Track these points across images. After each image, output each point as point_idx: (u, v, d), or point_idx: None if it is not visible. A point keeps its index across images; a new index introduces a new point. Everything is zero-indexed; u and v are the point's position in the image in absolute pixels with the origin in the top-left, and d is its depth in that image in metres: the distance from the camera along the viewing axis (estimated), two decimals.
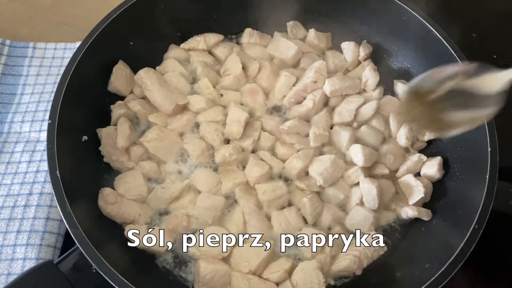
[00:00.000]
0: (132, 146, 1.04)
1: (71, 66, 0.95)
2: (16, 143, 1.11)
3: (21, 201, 1.01)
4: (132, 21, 1.08)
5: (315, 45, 1.23)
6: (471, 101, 0.79)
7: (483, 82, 0.78)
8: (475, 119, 0.81)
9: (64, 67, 0.97)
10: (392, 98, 1.15)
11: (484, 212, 0.84)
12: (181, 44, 1.21)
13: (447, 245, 0.85)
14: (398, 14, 1.10)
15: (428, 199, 1.03)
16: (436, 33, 1.03)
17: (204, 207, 0.96)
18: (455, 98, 0.80)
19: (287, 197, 1.01)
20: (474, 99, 0.79)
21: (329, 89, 1.11)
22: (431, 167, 1.02)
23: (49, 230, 0.98)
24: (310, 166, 1.03)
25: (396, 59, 1.20)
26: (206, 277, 0.89)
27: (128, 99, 1.11)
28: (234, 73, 1.14)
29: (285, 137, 1.08)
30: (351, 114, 1.10)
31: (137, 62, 1.11)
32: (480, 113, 0.79)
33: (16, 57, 1.25)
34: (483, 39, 1.38)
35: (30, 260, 0.94)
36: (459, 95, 0.79)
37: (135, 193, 0.98)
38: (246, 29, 1.25)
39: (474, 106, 0.79)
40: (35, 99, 1.18)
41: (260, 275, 0.92)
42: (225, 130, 1.07)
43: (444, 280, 0.79)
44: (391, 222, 1.02)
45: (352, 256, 0.93)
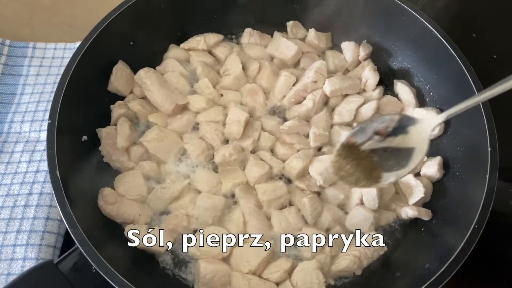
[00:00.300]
0: (132, 146, 1.04)
1: (71, 66, 0.95)
2: (16, 143, 1.11)
3: (21, 201, 1.01)
4: (132, 21, 1.08)
5: (315, 45, 1.23)
6: (401, 153, 0.83)
7: (411, 137, 0.82)
8: (406, 171, 0.83)
9: (64, 67, 0.97)
10: (392, 98, 1.15)
11: (484, 212, 0.84)
12: (181, 44, 1.21)
13: (447, 245, 0.85)
14: (398, 14, 1.10)
15: (428, 199, 1.03)
16: (436, 33, 1.03)
17: (204, 207, 0.96)
18: (386, 152, 0.83)
19: (287, 197, 1.01)
20: (403, 151, 0.83)
21: (329, 89, 1.11)
22: (431, 167, 1.02)
23: (49, 230, 0.98)
24: (310, 166, 1.03)
25: (396, 59, 1.20)
26: (206, 277, 0.89)
27: (128, 99, 1.11)
28: (234, 73, 1.14)
29: (285, 137, 1.08)
30: (351, 114, 1.10)
31: (137, 62, 1.11)
32: (411, 163, 0.82)
33: (16, 57, 1.25)
34: (483, 39, 1.38)
35: (30, 260, 0.94)
36: (390, 150, 0.83)
37: (135, 193, 0.98)
38: (246, 29, 1.25)
39: (404, 158, 0.83)
40: (35, 99, 1.18)
41: (260, 275, 0.92)
42: (225, 130, 1.07)
43: (444, 280, 0.79)
44: (391, 222, 1.02)
45: (352, 256, 0.93)
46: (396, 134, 0.84)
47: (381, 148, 0.83)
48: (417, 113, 1.09)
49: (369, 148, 0.83)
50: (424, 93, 1.14)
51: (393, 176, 0.83)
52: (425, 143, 0.82)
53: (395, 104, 1.14)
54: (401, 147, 0.83)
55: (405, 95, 1.14)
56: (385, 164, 0.83)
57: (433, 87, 1.12)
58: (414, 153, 0.83)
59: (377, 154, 0.83)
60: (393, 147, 0.83)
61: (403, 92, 1.15)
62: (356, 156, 0.84)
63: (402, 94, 1.15)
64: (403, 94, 1.15)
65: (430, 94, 1.13)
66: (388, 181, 0.84)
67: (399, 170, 0.83)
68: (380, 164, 0.83)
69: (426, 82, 1.14)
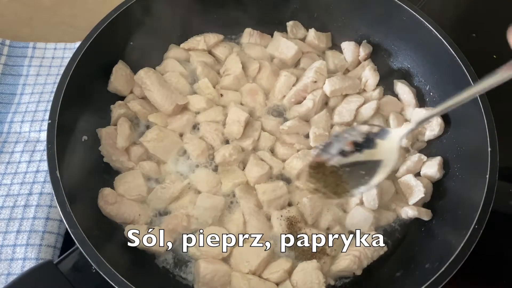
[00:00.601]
0: (132, 146, 1.04)
1: (71, 66, 0.95)
2: (16, 143, 1.10)
3: (21, 201, 1.01)
4: (132, 21, 1.08)
5: (315, 45, 1.23)
6: (369, 166, 0.83)
7: (379, 149, 0.83)
8: (374, 183, 0.83)
9: (64, 67, 0.97)
10: (392, 98, 1.15)
11: (484, 212, 0.84)
12: (181, 44, 1.21)
13: (447, 245, 0.85)
14: (398, 14, 1.10)
15: (428, 199, 1.03)
16: (436, 33, 1.03)
17: (204, 207, 0.96)
18: (354, 166, 0.83)
19: (287, 197, 1.01)
20: (371, 164, 0.83)
21: (329, 89, 1.11)
22: (431, 167, 1.02)
23: (49, 230, 0.98)
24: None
25: (396, 59, 1.20)
26: (206, 277, 0.89)
27: (128, 99, 1.11)
28: (234, 73, 1.14)
29: (285, 137, 1.08)
30: (351, 114, 1.10)
31: (137, 62, 1.11)
32: (378, 176, 0.82)
33: (16, 57, 1.25)
34: (483, 39, 1.38)
35: (30, 260, 0.94)
36: (358, 163, 0.83)
37: (135, 193, 0.98)
38: (246, 29, 1.25)
39: (372, 170, 0.83)
40: (35, 99, 1.18)
41: (260, 275, 0.92)
42: (225, 130, 1.07)
43: (444, 280, 0.79)
44: (391, 222, 1.02)
45: (352, 256, 0.93)
46: (364, 147, 0.84)
47: (349, 163, 0.84)
48: (417, 113, 1.09)
49: (336, 163, 0.84)
50: (424, 93, 1.14)
51: (361, 189, 0.83)
52: (393, 154, 0.82)
53: (395, 104, 1.14)
54: (369, 160, 0.83)
55: (405, 95, 1.14)
56: (354, 178, 0.83)
57: (433, 87, 1.12)
58: (382, 165, 0.83)
59: (345, 169, 0.84)
60: (361, 161, 0.83)
61: (403, 92, 1.15)
62: (324, 173, 0.84)
63: (402, 94, 1.15)
64: (403, 94, 1.15)
65: (430, 94, 1.13)
66: (357, 194, 0.85)
67: (368, 182, 0.83)
68: (347, 178, 0.83)
69: (426, 82, 1.14)
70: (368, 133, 0.84)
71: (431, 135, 1.07)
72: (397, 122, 1.10)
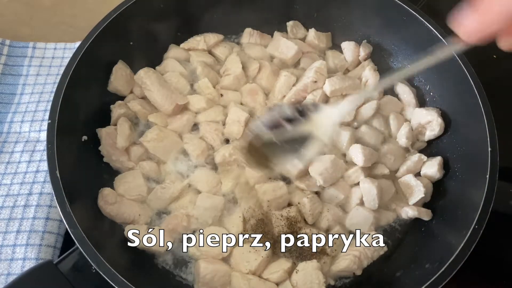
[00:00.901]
0: (132, 146, 1.04)
1: (71, 66, 0.95)
2: (15, 143, 1.10)
3: (20, 201, 1.01)
4: (132, 21, 1.08)
5: (315, 45, 1.23)
6: (304, 140, 0.82)
7: (314, 125, 0.81)
8: (309, 154, 0.84)
9: (64, 67, 0.97)
10: (392, 98, 1.15)
11: (484, 212, 0.84)
12: (181, 44, 1.21)
13: (447, 245, 0.85)
14: (398, 14, 1.10)
15: (428, 199, 1.03)
16: (436, 33, 1.03)
17: (204, 207, 0.96)
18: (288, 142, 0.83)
19: (287, 197, 1.01)
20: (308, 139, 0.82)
21: (329, 89, 1.11)
22: (431, 167, 1.02)
23: (49, 230, 0.98)
24: (310, 166, 1.03)
25: (396, 59, 1.20)
26: (206, 277, 0.89)
27: (128, 99, 1.11)
28: (234, 73, 1.14)
29: None
30: (351, 114, 1.10)
31: (137, 62, 1.11)
32: (314, 146, 0.82)
33: (16, 57, 1.25)
34: None
35: (30, 260, 0.94)
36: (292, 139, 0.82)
37: (135, 193, 0.98)
38: (246, 29, 1.25)
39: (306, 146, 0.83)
40: (35, 99, 1.18)
41: (260, 275, 0.92)
42: (225, 130, 1.07)
43: (444, 280, 0.79)
44: (391, 222, 1.02)
45: (352, 256, 0.93)
46: (298, 122, 0.82)
47: (284, 138, 0.83)
48: (417, 113, 1.09)
49: (270, 138, 0.82)
50: (424, 93, 1.14)
51: (295, 162, 0.84)
52: (328, 129, 0.81)
53: (395, 104, 1.14)
54: (303, 134, 0.82)
55: (405, 95, 1.14)
56: (289, 152, 0.84)
57: (433, 87, 1.12)
58: (316, 139, 0.82)
59: (281, 144, 0.83)
60: (296, 137, 0.83)
61: (403, 92, 1.15)
62: (257, 149, 0.84)
63: (402, 94, 1.15)
64: (403, 94, 1.15)
65: (430, 94, 1.13)
66: (290, 166, 0.86)
67: (301, 154, 0.83)
68: (282, 152, 0.84)
69: (426, 82, 1.14)
70: (302, 108, 0.83)
71: (431, 135, 1.07)
72: (397, 122, 1.10)
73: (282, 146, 0.82)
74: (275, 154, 0.84)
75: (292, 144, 0.83)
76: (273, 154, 0.84)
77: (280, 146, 0.82)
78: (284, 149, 0.83)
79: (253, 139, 0.83)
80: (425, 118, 1.07)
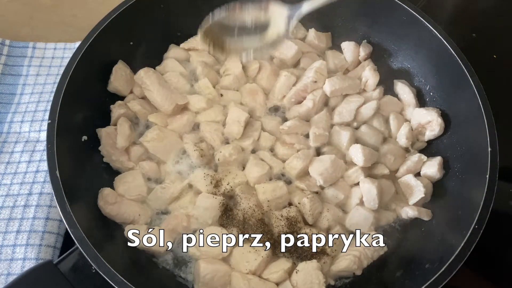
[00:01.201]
0: (132, 146, 1.04)
1: (71, 66, 0.95)
2: (15, 143, 1.11)
3: (20, 201, 1.01)
4: (132, 21, 1.08)
5: (315, 45, 1.23)
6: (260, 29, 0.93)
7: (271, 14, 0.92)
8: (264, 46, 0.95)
9: (64, 67, 0.97)
10: (392, 98, 1.15)
11: (484, 212, 0.84)
12: (181, 44, 1.21)
13: (447, 245, 0.85)
14: (398, 14, 1.10)
15: (428, 199, 1.03)
16: (436, 33, 1.03)
17: (204, 207, 0.96)
18: None
19: (287, 197, 1.01)
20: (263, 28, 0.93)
21: (329, 89, 1.11)
22: (431, 167, 1.02)
23: (48, 230, 0.98)
24: (310, 166, 1.03)
25: (396, 59, 1.20)
26: (206, 277, 0.89)
27: (128, 99, 1.11)
28: (234, 73, 1.14)
29: (285, 137, 1.08)
30: (351, 114, 1.10)
31: (137, 62, 1.11)
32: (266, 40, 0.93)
33: (16, 57, 1.25)
34: (483, 39, 1.38)
35: (30, 260, 0.94)
36: None
37: (135, 193, 0.98)
38: None
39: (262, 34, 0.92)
40: (34, 99, 1.18)
41: (260, 275, 0.92)
42: (225, 130, 1.07)
43: (444, 280, 0.79)
44: (391, 222, 1.02)
45: (352, 256, 0.93)
46: None
47: None
48: (417, 113, 1.09)
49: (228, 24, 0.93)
50: (424, 93, 1.14)
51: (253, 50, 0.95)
52: (282, 18, 0.92)
53: (395, 104, 1.14)
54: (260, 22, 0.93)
55: (405, 95, 1.14)
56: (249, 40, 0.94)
57: (433, 87, 1.12)
58: (271, 26, 0.92)
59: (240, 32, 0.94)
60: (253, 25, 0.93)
61: (403, 92, 1.15)
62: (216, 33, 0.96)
63: (402, 94, 1.15)
64: (403, 94, 1.15)
65: (430, 94, 1.13)
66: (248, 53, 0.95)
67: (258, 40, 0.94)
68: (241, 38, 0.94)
69: (426, 82, 1.14)
70: None
71: (431, 135, 1.07)
72: (397, 122, 1.10)
73: (240, 34, 0.93)
74: (233, 40, 0.94)
75: (248, 33, 0.93)
76: (232, 40, 0.95)
77: (238, 33, 0.93)
78: (241, 37, 0.93)
79: (213, 24, 0.93)
80: (425, 118, 1.07)
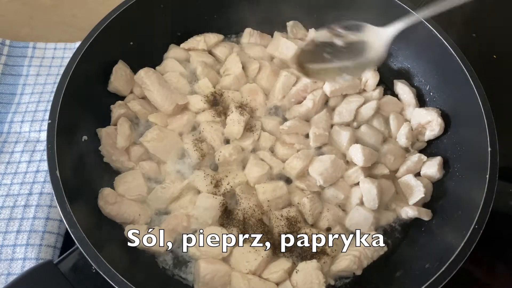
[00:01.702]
0: (132, 146, 1.04)
1: (71, 66, 0.95)
2: (16, 143, 1.11)
3: (21, 201, 1.01)
4: (132, 21, 1.08)
5: None
6: (355, 52, 0.93)
7: (367, 36, 0.93)
8: (359, 68, 0.95)
9: (64, 67, 0.97)
10: (392, 98, 1.15)
11: (484, 212, 0.84)
12: (181, 44, 1.21)
13: (447, 245, 0.85)
14: (398, 14, 1.09)
15: (428, 199, 1.03)
16: (436, 33, 1.03)
17: (204, 207, 0.96)
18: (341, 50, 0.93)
19: (287, 197, 1.01)
20: (358, 50, 0.93)
21: (329, 89, 1.11)
22: (431, 167, 1.02)
23: (49, 230, 0.98)
24: (310, 166, 1.03)
25: (396, 59, 1.20)
26: (206, 277, 0.89)
27: (128, 99, 1.11)
28: (234, 73, 1.14)
29: (285, 137, 1.08)
30: (351, 114, 1.10)
31: (137, 62, 1.11)
32: (363, 62, 0.92)
33: (16, 57, 1.25)
34: (483, 39, 1.38)
35: (30, 260, 0.94)
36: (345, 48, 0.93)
37: (135, 193, 0.98)
38: (246, 29, 1.25)
39: (357, 56, 0.92)
40: (35, 99, 1.18)
41: (260, 275, 0.92)
42: (225, 130, 1.07)
43: (444, 280, 0.79)
44: (391, 222, 1.02)
45: (352, 256, 0.93)
46: None
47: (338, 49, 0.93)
48: (417, 113, 1.09)
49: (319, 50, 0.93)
50: (424, 93, 1.14)
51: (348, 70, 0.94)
52: (381, 45, 0.92)
53: (395, 104, 1.14)
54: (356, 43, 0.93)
55: (405, 95, 1.14)
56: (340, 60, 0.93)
57: (433, 87, 1.12)
58: (368, 50, 0.92)
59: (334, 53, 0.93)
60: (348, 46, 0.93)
61: (403, 92, 1.15)
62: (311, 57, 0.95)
63: (402, 94, 1.15)
64: (403, 94, 1.15)
65: (430, 94, 1.13)
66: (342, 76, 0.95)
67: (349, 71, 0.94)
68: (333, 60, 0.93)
69: (426, 82, 1.14)
70: None
71: (431, 135, 1.07)
72: (397, 122, 1.10)
73: (331, 60, 0.92)
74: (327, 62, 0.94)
75: (340, 58, 0.92)
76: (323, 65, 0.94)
77: (330, 59, 0.92)
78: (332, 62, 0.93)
79: (305, 48, 0.93)
80: (425, 118, 1.07)
